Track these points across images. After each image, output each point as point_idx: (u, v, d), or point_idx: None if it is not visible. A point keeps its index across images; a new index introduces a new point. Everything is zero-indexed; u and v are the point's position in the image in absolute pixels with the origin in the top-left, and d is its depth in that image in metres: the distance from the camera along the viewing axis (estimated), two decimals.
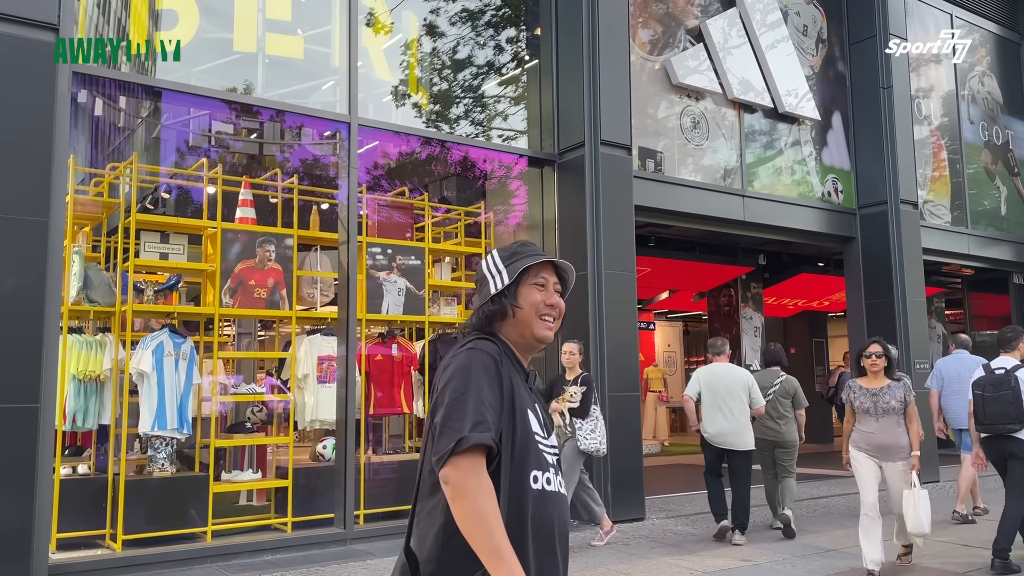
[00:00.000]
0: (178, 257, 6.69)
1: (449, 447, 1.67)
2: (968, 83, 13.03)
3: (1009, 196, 13.34)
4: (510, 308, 1.92)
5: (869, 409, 5.76)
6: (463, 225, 8.62)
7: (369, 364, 7.34)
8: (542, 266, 1.97)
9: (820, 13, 11.07)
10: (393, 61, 8.09)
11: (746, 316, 12.87)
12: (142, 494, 6.08)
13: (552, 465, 1.87)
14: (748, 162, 9.91)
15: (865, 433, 5.80)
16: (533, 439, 1.83)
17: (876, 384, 5.82)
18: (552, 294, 1.97)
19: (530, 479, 1.79)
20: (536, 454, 1.83)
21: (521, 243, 2.03)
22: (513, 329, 1.94)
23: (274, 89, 7.42)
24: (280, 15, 7.25)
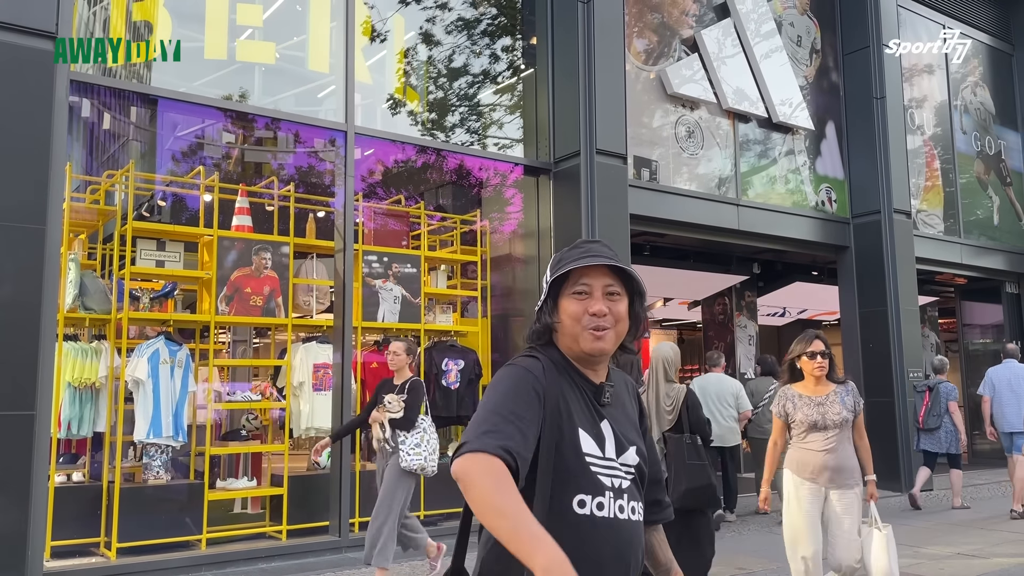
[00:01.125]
0: (174, 265, 6.70)
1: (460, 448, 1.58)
2: (961, 93, 13.12)
3: (1002, 206, 13.42)
4: (551, 324, 1.79)
5: (817, 422, 4.51)
6: (459, 233, 8.65)
7: (365, 372, 7.35)
8: (585, 270, 1.75)
9: (814, 24, 11.14)
10: (390, 69, 8.12)
11: (740, 325, 12.90)
12: (137, 502, 6.07)
13: (611, 488, 1.69)
14: (742, 171, 9.96)
15: (810, 453, 4.50)
16: (583, 459, 1.67)
17: (820, 391, 4.62)
18: (596, 300, 1.74)
19: (574, 503, 1.65)
20: (587, 476, 1.67)
21: (574, 245, 1.82)
22: (564, 342, 1.78)
23: (270, 97, 7.45)
24: (276, 24, 7.27)
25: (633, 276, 1.78)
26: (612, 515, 1.68)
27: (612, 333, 1.75)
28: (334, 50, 7.37)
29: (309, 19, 7.44)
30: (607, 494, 1.68)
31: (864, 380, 10.60)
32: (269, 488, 6.94)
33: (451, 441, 8.17)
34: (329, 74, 7.48)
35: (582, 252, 1.77)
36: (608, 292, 1.75)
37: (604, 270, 1.76)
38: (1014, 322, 13.54)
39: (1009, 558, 6.63)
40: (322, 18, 7.47)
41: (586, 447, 1.68)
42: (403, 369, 5.81)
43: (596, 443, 1.70)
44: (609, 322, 1.74)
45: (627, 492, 1.72)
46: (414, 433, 5.63)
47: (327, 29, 7.42)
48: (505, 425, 1.57)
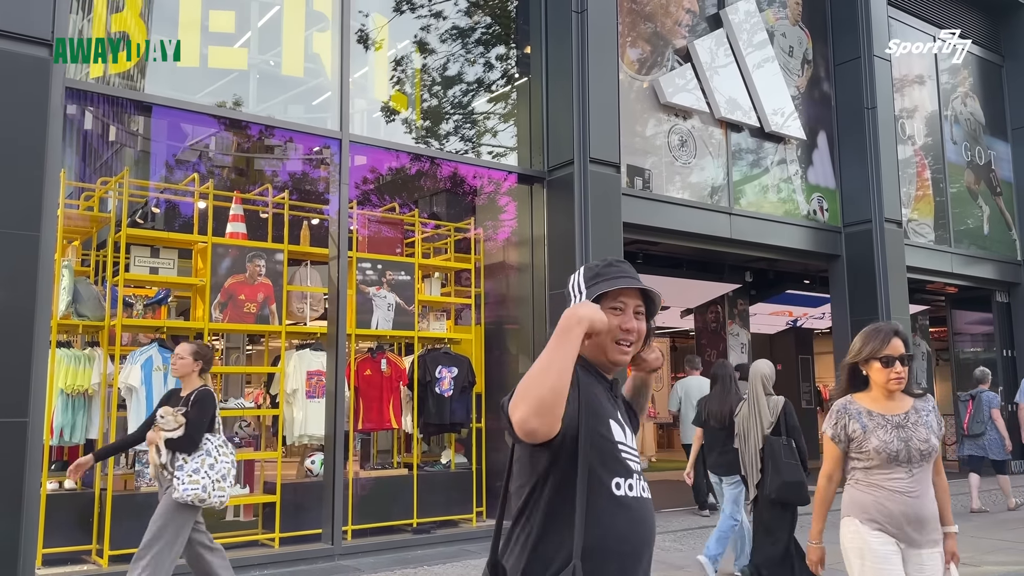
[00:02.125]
0: (168, 271, 6.70)
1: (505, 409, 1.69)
2: (951, 104, 13.23)
3: (991, 215, 13.52)
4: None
5: (898, 453, 3.21)
6: (453, 241, 8.67)
7: (358, 379, 7.36)
8: (622, 289, 1.93)
9: (805, 34, 11.23)
10: (384, 78, 8.15)
11: (733, 332, 12.95)
12: (129, 509, 6.05)
13: (635, 471, 1.89)
14: (735, 180, 10.01)
15: (890, 495, 3.22)
16: (616, 447, 1.85)
17: (896, 407, 3.31)
18: (630, 318, 1.93)
19: (612, 486, 1.81)
20: (619, 460, 1.85)
21: (608, 263, 2.00)
22: (591, 350, 1.92)
23: (265, 105, 7.47)
24: (272, 31, 7.30)
25: (655, 303, 1.98)
26: (639, 495, 1.87)
27: (634, 348, 1.97)
28: (329, 58, 7.39)
29: (303, 27, 7.46)
30: (634, 476, 1.87)
31: None
32: (261, 495, 6.93)
33: (445, 449, 8.18)
34: (324, 82, 7.50)
35: (619, 271, 1.95)
36: (637, 312, 1.95)
37: (636, 292, 1.95)
38: (1004, 331, 13.62)
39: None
40: (316, 26, 7.49)
41: (616, 435, 1.87)
42: (190, 377, 4.78)
43: (620, 431, 1.89)
44: (635, 338, 1.95)
45: (640, 474, 1.91)
46: (196, 456, 4.59)
47: (322, 37, 7.44)
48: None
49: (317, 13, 7.46)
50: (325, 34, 7.41)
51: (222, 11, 6.94)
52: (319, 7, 7.42)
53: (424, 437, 8.07)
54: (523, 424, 1.62)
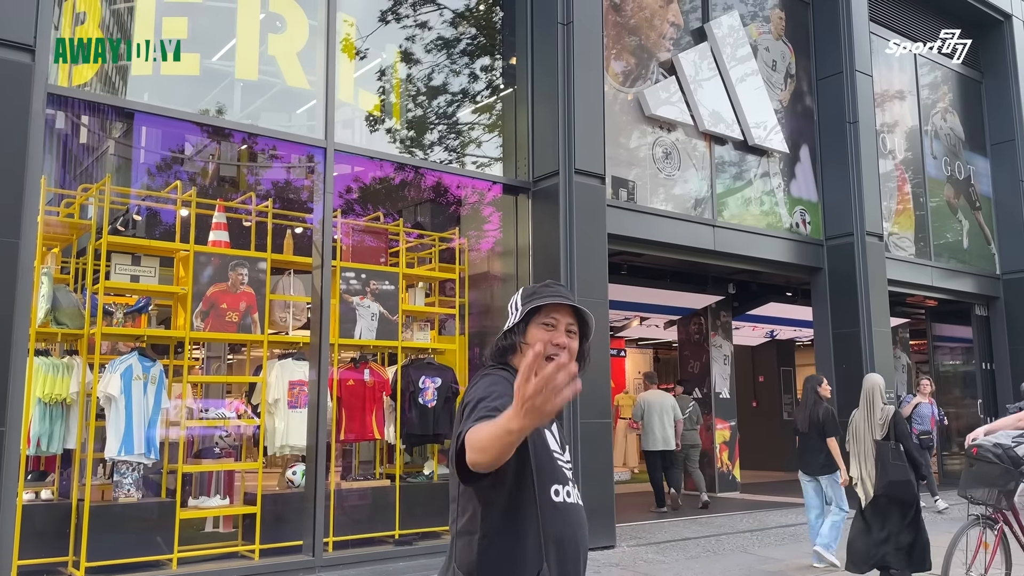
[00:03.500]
0: (149, 280, 6.63)
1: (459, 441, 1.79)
2: (931, 119, 13.39)
3: (971, 230, 13.68)
4: (519, 344, 2.07)
5: None
6: (437, 251, 8.66)
7: (341, 389, 7.31)
8: (555, 307, 2.05)
9: (789, 49, 11.34)
10: (370, 87, 8.14)
11: (716, 344, 13.00)
12: (107, 520, 5.97)
13: (568, 479, 2.03)
14: (718, 192, 10.07)
15: None
16: (552, 455, 2.00)
17: None
18: (560, 334, 2.04)
19: (551, 493, 1.95)
20: (555, 469, 1.99)
21: (545, 283, 2.14)
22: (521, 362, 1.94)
23: (249, 113, 7.43)
24: (254, 39, 7.27)
25: (588, 322, 2.10)
26: (574, 501, 2.01)
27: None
28: (315, 67, 7.37)
29: (288, 35, 7.45)
30: (568, 484, 2.02)
31: (838, 400, 10.70)
32: (242, 506, 6.86)
33: (427, 460, 8.13)
34: (309, 90, 7.48)
35: (554, 292, 2.08)
36: (568, 330, 2.06)
37: (569, 311, 2.08)
38: (984, 344, 13.76)
39: None
40: (302, 35, 7.47)
41: (552, 446, 2.02)
42: None
43: (554, 441, 2.04)
44: (567, 355, 2.03)
45: (573, 482, 2.06)
46: None
47: (308, 46, 7.42)
48: (489, 412, 1.80)
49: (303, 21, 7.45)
50: (313, 42, 7.39)
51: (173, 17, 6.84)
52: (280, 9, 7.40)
53: (407, 448, 8.02)
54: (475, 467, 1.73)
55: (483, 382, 1.99)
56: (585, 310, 2.08)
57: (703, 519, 9.49)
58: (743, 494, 12.42)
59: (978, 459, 5.13)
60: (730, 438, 12.83)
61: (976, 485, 5.20)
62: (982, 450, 5.12)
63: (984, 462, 5.11)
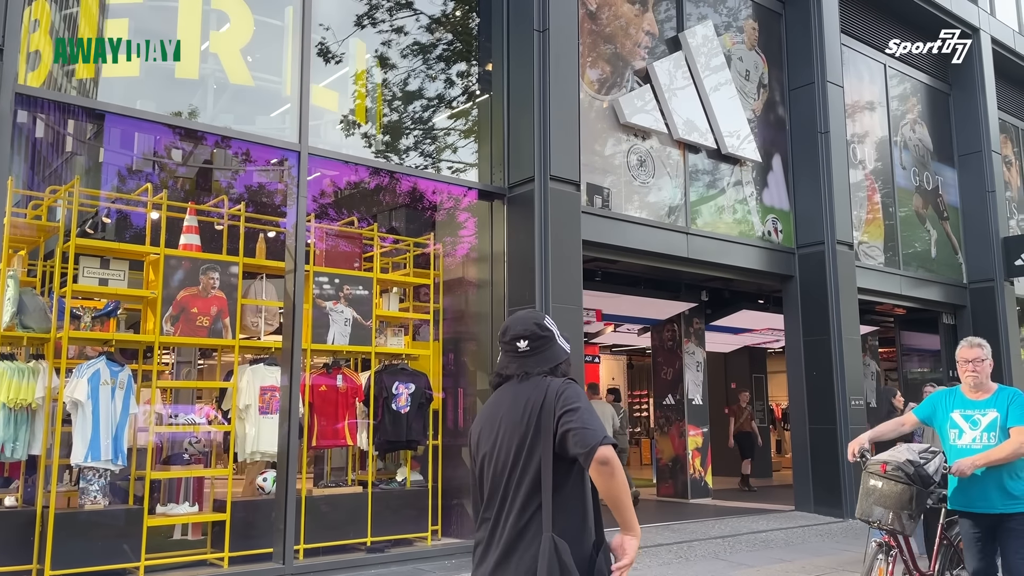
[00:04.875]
0: (118, 283, 6.54)
1: (594, 440, 2.37)
2: (900, 130, 13.60)
3: (939, 240, 13.90)
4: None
5: None
6: (412, 256, 8.63)
7: (313, 395, 7.25)
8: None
9: (762, 59, 11.46)
10: (345, 91, 8.10)
11: (688, 351, 13.08)
12: (72, 528, 5.86)
13: None
14: (692, 200, 10.14)
15: None
16: None
17: None
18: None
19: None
20: None
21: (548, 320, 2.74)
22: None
23: (223, 115, 7.36)
24: (231, 42, 7.21)
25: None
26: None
27: None
28: (289, 70, 7.32)
29: (263, 38, 7.40)
30: None
31: (808, 407, 10.81)
32: (211, 514, 6.77)
33: (400, 466, 8.09)
34: (283, 94, 7.43)
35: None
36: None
37: None
38: (951, 352, 13.91)
39: None
40: (276, 38, 7.43)
41: None
42: None
43: None
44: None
45: None
46: None
47: (282, 49, 7.38)
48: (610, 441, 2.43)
49: (278, 24, 7.40)
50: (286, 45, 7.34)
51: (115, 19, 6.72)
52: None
53: (379, 454, 7.98)
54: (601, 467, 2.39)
55: (576, 390, 2.54)
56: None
57: (675, 525, 9.53)
58: (715, 500, 12.50)
59: (887, 478, 4.52)
60: (702, 444, 12.91)
61: (881, 507, 4.53)
62: (892, 468, 4.53)
63: (894, 481, 4.50)
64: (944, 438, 4.60)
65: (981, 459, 4.25)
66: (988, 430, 4.39)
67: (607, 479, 2.36)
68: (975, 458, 4.26)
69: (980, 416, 4.44)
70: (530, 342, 2.62)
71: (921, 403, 4.88)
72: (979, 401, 4.49)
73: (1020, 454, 4.24)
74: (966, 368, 4.52)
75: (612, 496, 2.38)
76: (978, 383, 4.49)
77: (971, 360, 4.50)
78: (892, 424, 4.93)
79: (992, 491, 4.30)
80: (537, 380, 2.57)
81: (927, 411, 4.73)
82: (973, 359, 4.50)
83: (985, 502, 4.33)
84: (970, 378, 4.51)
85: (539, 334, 2.63)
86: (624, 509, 2.41)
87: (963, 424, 4.50)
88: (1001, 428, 4.34)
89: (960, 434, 4.49)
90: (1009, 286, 13.99)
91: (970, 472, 4.24)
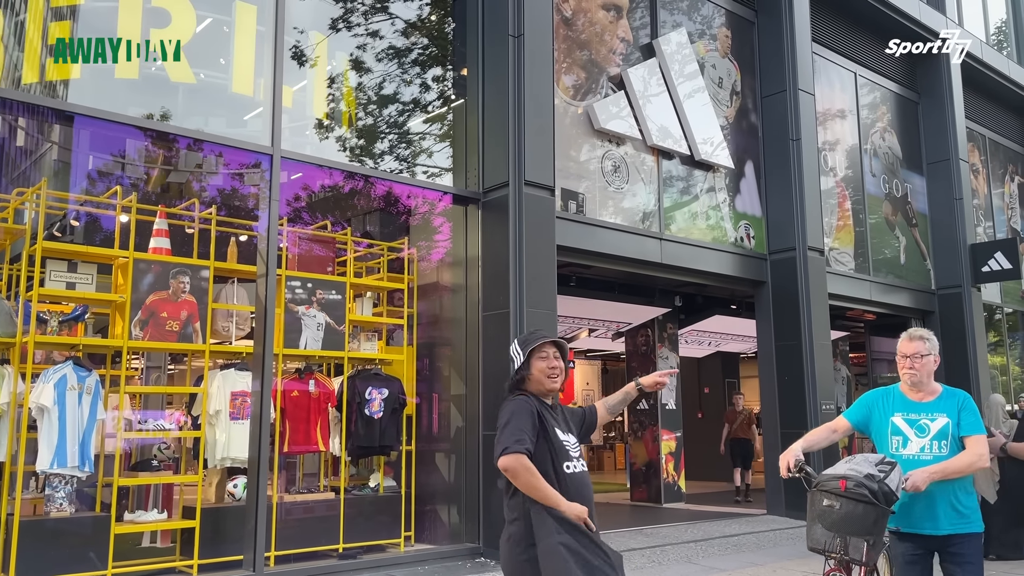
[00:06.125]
0: (86, 287, 6.44)
1: (498, 452, 3.01)
2: (870, 138, 13.79)
3: (908, 246, 14.10)
4: (526, 376, 3.27)
5: None
6: (386, 260, 8.59)
7: (285, 400, 7.19)
8: (543, 344, 3.29)
9: (735, 67, 11.57)
10: (319, 94, 8.06)
11: (662, 356, 13.14)
12: (38, 536, 5.76)
13: (576, 456, 3.22)
14: (665, 206, 10.21)
15: None
16: (561, 442, 3.18)
17: None
18: (552, 360, 3.28)
19: (564, 467, 3.13)
20: (564, 451, 3.17)
21: (531, 331, 3.48)
22: (533, 386, 3.28)
23: (195, 118, 7.29)
24: (201, 44, 7.14)
25: (565, 348, 3.34)
26: (581, 469, 3.21)
27: (561, 378, 3.31)
28: (262, 72, 7.27)
29: (236, 41, 7.33)
30: (573, 460, 3.20)
31: (780, 411, 10.91)
32: (180, 521, 6.69)
33: (373, 472, 8.04)
34: (256, 97, 7.37)
35: (540, 335, 3.33)
36: (555, 356, 3.30)
37: (552, 344, 3.31)
38: None
39: None
40: (250, 40, 7.37)
41: (561, 436, 3.21)
42: None
43: (562, 432, 3.22)
44: (558, 372, 3.28)
45: (579, 456, 3.25)
46: None
47: (255, 51, 7.31)
48: (522, 434, 3.04)
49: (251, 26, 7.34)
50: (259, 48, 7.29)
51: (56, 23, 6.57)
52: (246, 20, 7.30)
53: (352, 460, 7.93)
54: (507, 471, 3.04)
55: (510, 406, 3.16)
56: (562, 340, 3.33)
57: (648, 530, 9.57)
58: (688, 504, 12.56)
59: (848, 497, 3.58)
60: (675, 449, 12.98)
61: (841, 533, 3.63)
62: (854, 485, 3.57)
63: (855, 501, 3.56)
64: (883, 446, 3.91)
65: (937, 472, 3.62)
66: (938, 438, 3.76)
67: (516, 481, 3.01)
68: (930, 470, 3.62)
69: (928, 421, 3.80)
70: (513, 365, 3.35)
71: (853, 404, 4.15)
72: (924, 404, 3.85)
73: (977, 467, 3.70)
74: (904, 363, 3.87)
75: (528, 491, 3.00)
76: (917, 381, 3.85)
77: (910, 355, 3.85)
78: (823, 431, 4.12)
79: (941, 508, 3.69)
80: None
81: (861, 413, 4.05)
82: (912, 353, 3.84)
83: (932, 521, 3.70)
84: (907, 375, 3.86)
85: (510, 355, 3.34)
86: (543, 498, 2.99)
87: (908, 430, 3.83)
88: (954, 437, 3.74)
89: (905, 442, 3.83)
90: (976, 292, 14.23)
91: (924, 487, 3.59)
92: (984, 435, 3.77)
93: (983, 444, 3.74)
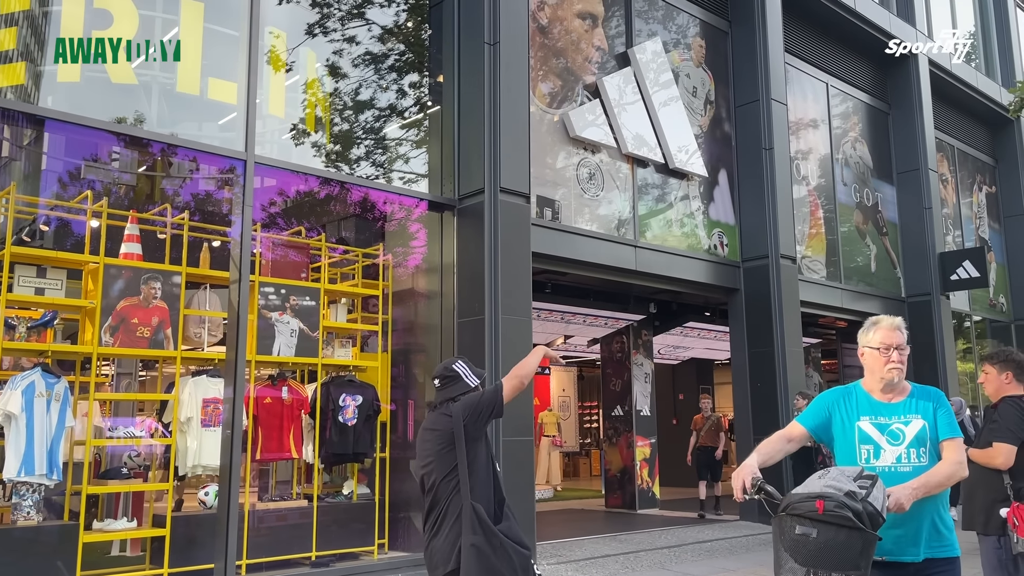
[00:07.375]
0: (55, 293, 6.37)
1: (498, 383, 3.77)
2: (842, 148, 13.98)
3: (878, 254, 14.30)
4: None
5: None
6: (361, 267, 8.57)
7: (257, 407, 7.14)
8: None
9: (709, 76, 11.69)
10: (294, 99, 8.03)
11: (637, 363, 13.21)
12: (4, 544, 5.67)
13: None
14: (640, 214, 10.28)
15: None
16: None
17: None
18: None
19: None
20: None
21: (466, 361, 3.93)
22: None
23: (167, 122, 7.23)
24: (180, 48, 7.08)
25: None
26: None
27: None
28: (236, 77, 7.23)
29: (210, 45, 7.28)
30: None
31: (752, 418, 11.01)
32: (150, 529, 6.61)
33: (347, 479, 8.00)
34: (229, 102, 7.32)
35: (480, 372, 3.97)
36: None
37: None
38: None
39: None
40: (223, 44, 7.33)
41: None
42: None
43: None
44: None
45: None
46: None
47: (228, 56, 7.28)
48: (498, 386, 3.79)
49: (225, 31, 7.30)
50: (235, 52, 7.25)
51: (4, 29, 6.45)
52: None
53: (326, 467, 7.88)
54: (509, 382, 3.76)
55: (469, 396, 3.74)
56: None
57: (622, 536, 9.60)
58: (662, 510, 12.62)
59: (827, 521, 2.75)
60: (650, 455, 13.03)
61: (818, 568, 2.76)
62: (834, 505, 2.76)
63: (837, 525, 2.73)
64: (848, 456, 3.24)
65: (921, 487, 2.98)
66: (915, 445, 3.14)
67: (518, 380, 3.77)
68: (913, 486, 2.97)
69: (901, 426, 3.18)
70: (441, 381, 3.82)
71: (807, 408, 3.47)
72: (895, 405, 3.24)
73: (959, 477, 3.09)
74: (886, 357, 3.23)
75: (522, 374, 3.79)
76: (901, 379, 3.28)
77: (896, 346, 3.24)
78: (777, 441, 3.40)
79: (924, 529, 3.06)
80: (446, 406, 3.73)
81: (819, 417, 3.35)
82: (899, 344, 3.24)
83: (915, 547, 3.06)
84: (894, 372, 3.23)
85: (446, 375, 3.82)
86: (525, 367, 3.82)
87: (879, 437, 3.19)
88: (932, 442, 3.15)
89: (877, 451, 3.18)
90: (945, 300, 14.45)
91: (909, 505, 2.93)
92: (961, 438, 3.18)
93: (961, 450, 3.13)
